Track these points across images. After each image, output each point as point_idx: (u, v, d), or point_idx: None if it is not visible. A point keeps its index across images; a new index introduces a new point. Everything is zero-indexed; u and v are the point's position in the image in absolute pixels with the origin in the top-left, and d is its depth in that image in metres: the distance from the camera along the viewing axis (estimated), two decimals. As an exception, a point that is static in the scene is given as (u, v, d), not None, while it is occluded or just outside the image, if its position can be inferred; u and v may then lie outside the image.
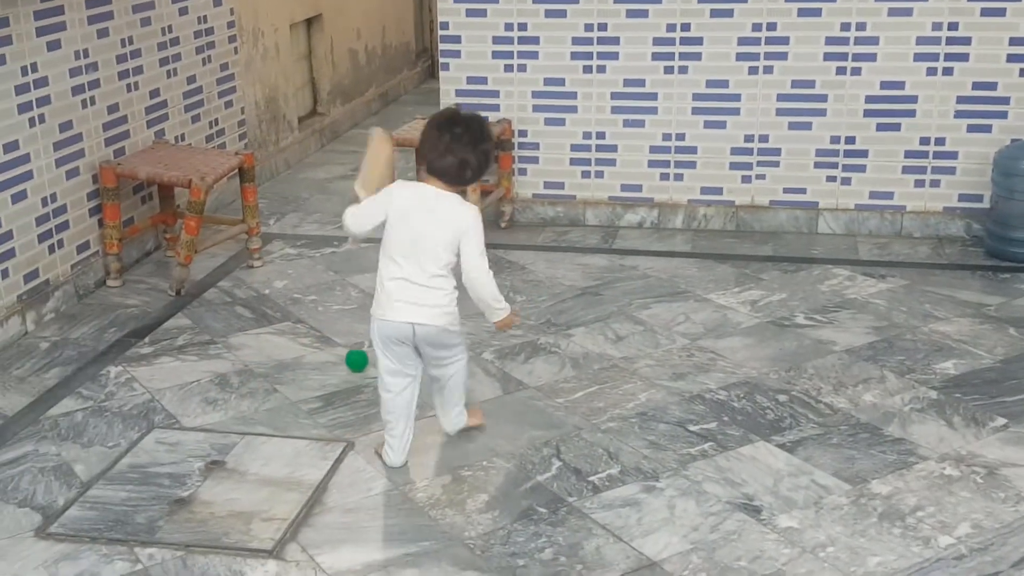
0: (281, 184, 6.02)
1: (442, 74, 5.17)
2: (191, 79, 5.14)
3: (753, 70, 4.85)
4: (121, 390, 3.54)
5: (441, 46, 5.14)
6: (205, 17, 5.25)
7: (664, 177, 5.10)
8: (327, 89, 6.96)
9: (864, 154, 4.86)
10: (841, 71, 4.76)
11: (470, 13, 5.03)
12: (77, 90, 4.26)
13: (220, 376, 3.64)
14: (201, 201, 4.22)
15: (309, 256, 4.83)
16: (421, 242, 2.87)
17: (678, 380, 3.60)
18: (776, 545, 2.69)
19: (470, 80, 5.12)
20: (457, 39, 5.09)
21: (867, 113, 4.80)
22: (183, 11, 5.03)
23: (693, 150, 5.02)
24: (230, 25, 5.50)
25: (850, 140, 4.86)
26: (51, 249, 4.15)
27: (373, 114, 7.70)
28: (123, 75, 4.57)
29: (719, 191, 5.06)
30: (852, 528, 2.75)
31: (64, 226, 4.22)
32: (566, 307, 4.22)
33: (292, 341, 3.92)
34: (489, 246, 4.86)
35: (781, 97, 4.86)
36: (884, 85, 4.75)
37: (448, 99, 5.17)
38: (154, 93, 4.82)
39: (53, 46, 4.09)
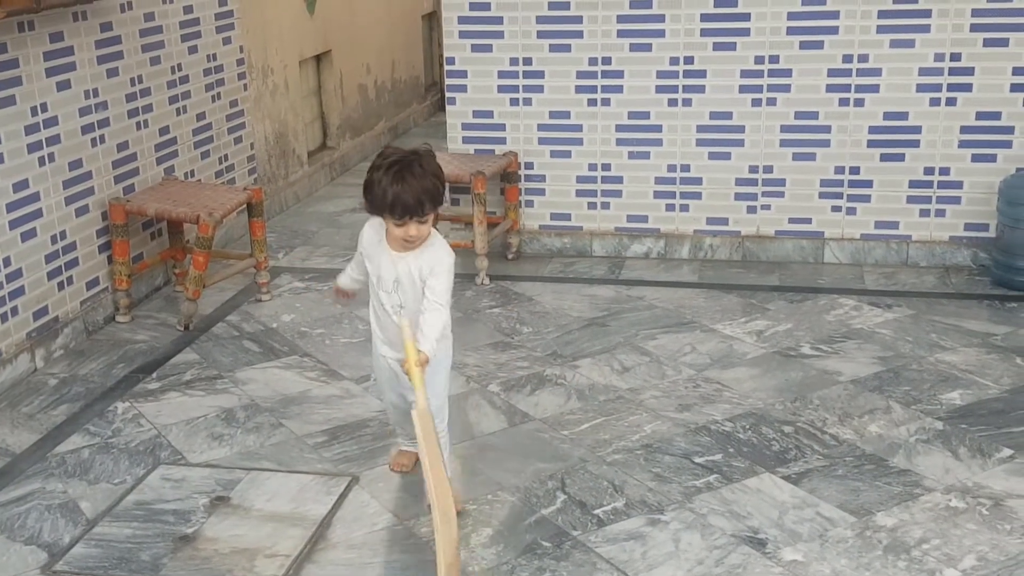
0: (290, 218, 6.07)
1: (448, 108, 5.22)
2: (201, 116, 5.21)
3: (756, 102, 4.87)
4: (128, 426, 3.57)
5: (447, 81, 5.19)
6: (215, 55, 5.32)
7: (670, 208, 5.12)
8: (336, 123, 7.02)
9: (869, 184, 4.87)
10: (844, 102, 4.79)
11: (476, 48, 5.09)
12: (87, 129, 4.32)
13: (226, 411, 3.66)
14: (209, 237, 4.26)
15: (317, 289, 4.86)
16: None
17: (684, 411, 3.60)
18: (780, 579, 2.68)
19: (476, 114, 5.17)
20: (463, 74, 5.14)
21: (871, 144, 4.81)
22: (192, 50, 5.11)
23: (698, 181, 5.05)
24: (239, 63, 5.57)
25: (854, 170, 4.87)
26: (60, 286, 4.19)
27: (383, 147, 7.76)
28: (132, 113, 4.64)
29: (725, 221, 5.08)
30: (857, 561, 2.74)
31: (73, 263, 4.27)
32: (572, 338, 4.23)
33: (299, 375, 3.94)
34: (496, 277, 4.96)
35: (785, 128, 4.88)
36: (887, 116, 4.77)
37: (455, 133, 5.22)
38: (163, 130, 4.89)
39: (63, 86, 4.16)
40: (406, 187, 2.68)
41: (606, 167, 5.12)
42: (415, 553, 2.84)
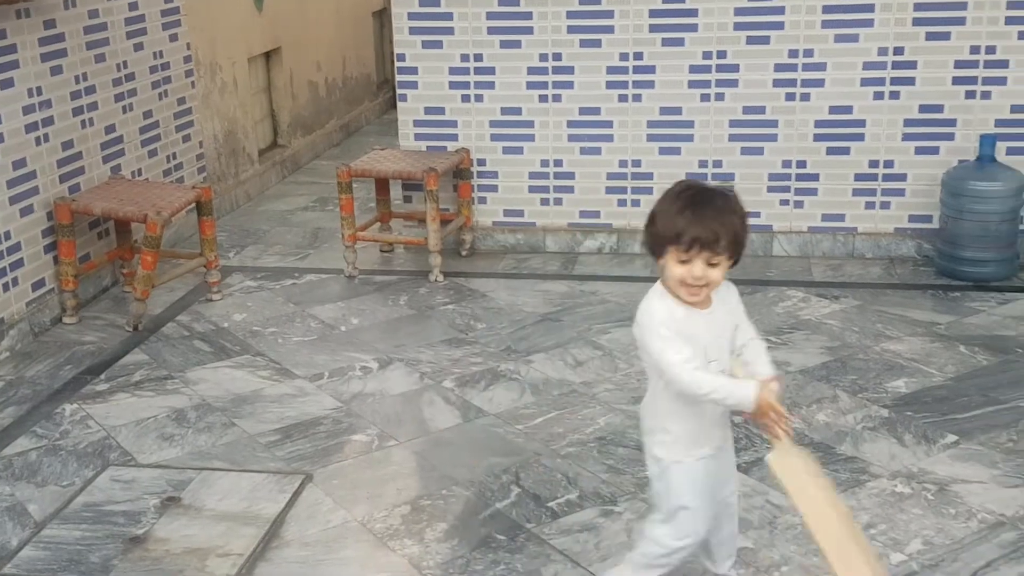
0: (241, 217, 6.01)
1: (400, 105, 5.21)
2: (147, 114, 5.14)
3: (705, 97, 4.92)
4: (76, 428, 3.51)
5: (398, 77, 5.18)
6: (161, 52, 5.26)
7: (622, 203, 5.15)
8: (287, 121, 6.97)
9: (815, 178, 4.94)
10: (790, 97, 4.85)
11: (426, 45, 5.08)
12: (30, 127, 4.25)
13: (177, 411, 3.62)
14: (157, 236, 4.21)
15: (269, 288, 4.83)
16: None
17: (636, 404, 3.59)
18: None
19: (428, 111, 5.16)
20: (414, 70, 5.13)
21: (817, 138, 4.89)
22: (138, 47, 5.04)
23: (649, 176, 5.08)
24: (187, 60, 5.51)
25: (801, 164, 4.94)
26: (5, 287, 4.11)
27: (335, 145, 7.73)
28: (77, 111, 4.57)
29: (676, 216, 5.11)
30: (806, 547, 2.78)
31: (19, 264, 4.19)
32: (526, 333, 4.24)
33: (251, 374, 3.91)
34: (450, 274, 4.96)
35: (733, 123, 4.93)
36: (833, 110, 4.84)
37: (407, 130, 5.21)
38: (109, 129, 4.82)
39: (5, 84, 4.08)
40: (700, 215, 2.22)
41: (558, 163, 5.14)
42: (369, 549, 2.83)
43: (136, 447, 3.38)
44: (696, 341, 2.30)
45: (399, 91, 5.19)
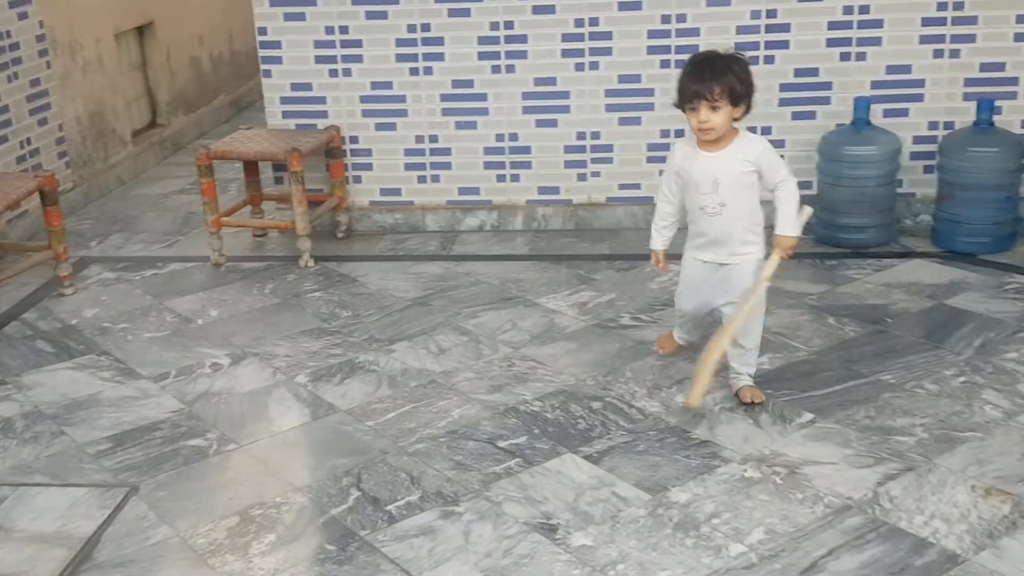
0: (111, 202, 5.74)
1: (264, 82, 4.98)
2: (-6, 99, 4.85)
3: (579, 66, 4.76)
4: None
5: (261, 52, 4.94)
6: (8, 32, 4.95)
7: (501, 179, 4.99)
8: (166, 100, 6.67)
9: (693, 146, 4.82)
10: (665, 64, 4.71)
11: (288, 17, 4.85)
12: None
13: (4, 420, 3.40)
14: (-10, 232, 3.96)
15: (128, 280, 4.59)
16: None
17: (495, 393, 3.49)
18: (567, 567, 2.60)
19: (294, 87, 4.94)
20: (277, 44, 4.90)
21: (693, 105, 4.75)
22: (-21, 27, 4.74)
23: (527, 150, 4.92)
24: (40, 39, 5.19)
25: (679, 133, 4.79)
26: None
27: (223, 122, 7.44)
28: (-95, 100, 4.27)
29: (556, 190, 4.97)
30: (645, 542, 2.67)
31: None
32: (392, 320, 4.08)
33: (91, 376, 3.69)
34: (322, 258, 4.77)
35: (609, 93, 4.78)
36: (707, 76, 4.70)
37: (273, 108, 4.99)
38: (-53, 117, 4.53)
39: None
40: (700, 74, 3.00)
41: (433, 139, 4.95)
42: (188, 567, 2.66)
43: (-48, 464, 3.16)
44: (688, 176, 3.19)
45: (262, 67, 4.97)
